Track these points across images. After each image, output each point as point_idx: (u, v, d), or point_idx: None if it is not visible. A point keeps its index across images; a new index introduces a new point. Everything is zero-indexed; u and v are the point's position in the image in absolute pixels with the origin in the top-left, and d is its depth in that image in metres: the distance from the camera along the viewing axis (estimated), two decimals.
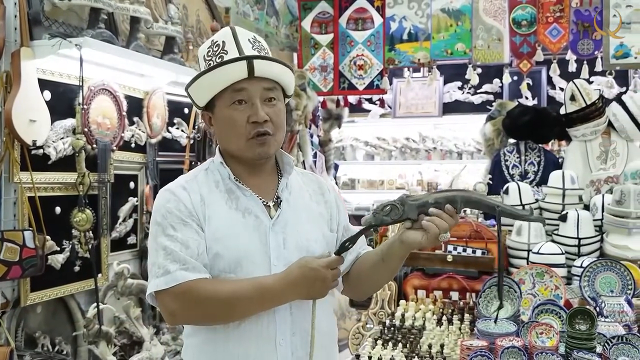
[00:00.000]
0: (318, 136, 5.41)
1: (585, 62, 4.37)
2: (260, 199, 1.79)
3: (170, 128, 3.78)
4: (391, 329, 2.77)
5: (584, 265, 2.85)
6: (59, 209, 2.97)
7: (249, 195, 1.79)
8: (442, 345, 2.54)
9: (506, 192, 3.56)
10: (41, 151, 2.83)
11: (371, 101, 7.27)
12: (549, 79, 6.49)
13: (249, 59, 1.72)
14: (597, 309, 2.55)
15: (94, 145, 3.09)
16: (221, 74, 1.73)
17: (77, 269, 3.06)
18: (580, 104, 3.92)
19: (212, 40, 1.80)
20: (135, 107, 3.46)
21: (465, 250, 3.19)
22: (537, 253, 3.04)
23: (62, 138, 2.95)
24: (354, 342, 3.36)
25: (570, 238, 3.16)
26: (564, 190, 3.37)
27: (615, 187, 3.22)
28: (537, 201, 3.50)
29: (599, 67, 4.32)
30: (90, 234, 3.08)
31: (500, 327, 2.45)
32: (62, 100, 2.96)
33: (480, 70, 4.62)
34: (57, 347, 2.97)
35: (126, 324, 3.33)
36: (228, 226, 1.73)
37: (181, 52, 3.75)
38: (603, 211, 3.22)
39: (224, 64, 1.72)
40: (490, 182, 4.16)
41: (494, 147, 4.56)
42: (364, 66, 4.84)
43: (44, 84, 2.83)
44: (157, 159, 3.65)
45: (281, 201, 1.82)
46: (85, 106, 3.01)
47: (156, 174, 3.63)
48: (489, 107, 6.36)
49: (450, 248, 3.20)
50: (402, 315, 2.86)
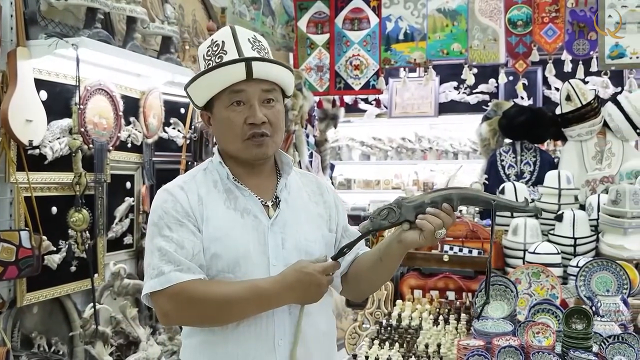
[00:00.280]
0: (314, 136, 5.41)
1: (581, 62, 4.38)
2: (259, 199, 1.79)
3: (166, 128, 3.78)
4: (388, 328, 2.77)
5: (579, 265, 2.86)
6: (55, 209, 2.97)
7: (248, 195, 1.78)
8: (438, 345, 2.55)
9: (502, 192, 3.56)
10: (37, 151, 2.83)
11: (367, 101, 7.27)
12: (545, 79, 6.50)
13: (247, 60, 1.71)
14: (593, 308, 2.56)
15: (91, 145, 3.09)
16: (220, 75, 1.73)
17: (73, 269, 3.06)
18: (576, 104, 3.93)
19: (212, 40, 1.79)
20: (132, 107, 3.46)
21: (461, 250, 3.20)
22: (533, 253, 3.05)
23: (59, 138, 2.95)
24: (351, 342, 3.36)
25: (566, 238, 3.16)
26: (559, 190, 3.38)
27: (611, 187, 3.23)
28: (533, 201, 3.51)
29: (594, 67, 4.33)
30: (86, 234, 3.07)
31: (497, 327, 2.45)
32: (59, 100, 2.96)
33: (476, 71, 4.63)
34: (54, 347, 2.96)
35: (122, 324, 3.33)
36: (226, 226, 1.72)
37: (177, 52, 3.74)
38: (599, 211, 3.23)
39: (222, 65, 1.72)
40: (486, 182, 4.17)
41: (490, 147, 4.57)
42: (360, 66, 4.85)
43: (40, 84, 2.83)
44: (154, 159, 3.65)
45: (280, 201, 1.82)
46: (82, 106, 3.01)
47: (152, 174, 3.63)
48: (484, 107, 6.37)
49: (447, 248, 3.21)
50: (399, 315, 2.86)
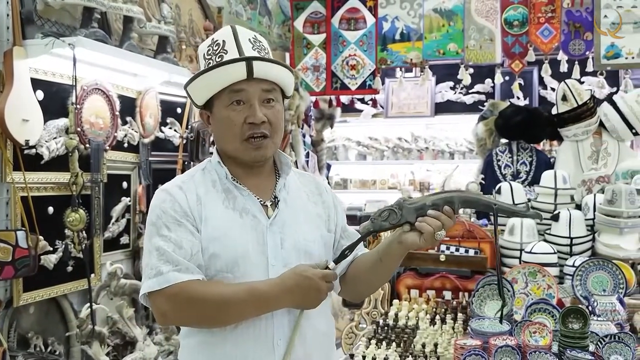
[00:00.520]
0: (310, 136, 5.41)
1: (577, 62, 4.38)
2: (258, 198, 1.79)
3: (163, 128, 3.78)
4: (385, 328, 2.77)
5: (576, 265, 2.87)
6: (51, 209, 2.96)
7: (247, 195, 1.78)
8: (435, 345, 2.55)
9: (499, 191, 3.57)
10: (34, 151, 2.83)
11: (363, 101, 7.28)
12: (541, 79, 6.51)
13: (248, 59, 1.71)
14: (590, 308, 2.56)
15: (87, 145, 3.08)
16: (220, 74, 1.72)
17: (69, 269, 3.06)
18: (572, 104, 3.94)
19: (213, 39, 1.78)
20: (128, 107, 3.46)
21: (458, 250, 3.20)
22: (530, 252, 3.06)
23: (55, 138, 2.95)
24: (347, 341, 3.37)
25: (563, 237, 3.17)
26: (556, 190, 3.39)
27: (607, 187, 3.24)
28: (530, 201, 3.51)
29: (590, 68, 4.33)
30: (83, 234, 3.07)
31: (494, 327, 2.46)
32: (55, 100, 2.96)
33: (472, 71, 4.63)
34: (50, 347, 2.96)
35: (119, 324, 3.33)
36: (225, 226, 1.72)
37: (174, 52, 3.74)
38: (595, 211, 3.23)
39: (223, 64, 1.71)
40: (483, 182, 4.17)
41: (486, 147, 4.57)
42: (357, 66, 4.84)
43: (36, 84, 2.83)
44: (150, 158, 3.65)
45: (279, 201, 1.82)
46: (78, 106, 3.00)
47: (149, 173, 3.63)
48: (480, 107, 6.38)
49: (443, 248, 3.21)
50: (396, 315, 2.86)
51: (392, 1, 4.76)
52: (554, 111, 4.10)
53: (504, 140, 4.45)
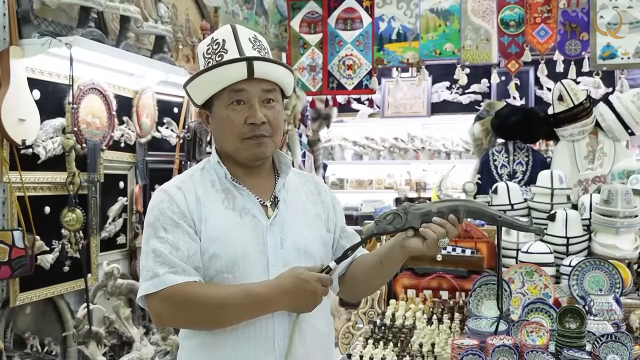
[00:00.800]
0: (307, 136, 5.41)
1: (573, 62, 4.39)
2: (258, 198, 1.79)
3: (159, 127, 3.77)
4: (382, 328, 2.77)
5: (572, 264, 2.87)
6: (48, 209, 2.96)
7: (246, 195, 1.78)
8: (432, 344, 2.55)
9: (495, 191, 3.58)
10: (30, 150, 2.82)
11: (360, 101, 7.28)
12: (537, 79, 6.53)
13: (249, 59, 1.71)
14: (586, 307, 2.57)
15: (84, 145, 3.08)
16: (220, 74, 1.72)
17: (66, 269, 3.05)
18: (568, 104, 3.95)
19: (212, 38, 1.78)
20: (125, 107, 3.46)
21: (454, 250, 3.20)
22: (526, 252, 3.06)
23: (52, 137, 2.94)
24: (344, 341, 3.37)
25: (559, 237, 3.18)
26: (552, 190, 3.40)
27: (603, 187, 3.24)
28: (526, 201, 3.52)
29: (586, 68, 4.34)
30: (80, 233, 3.06)
31: (491, 326, 2.46)
32: (52, 100, 2.95)
33: (468, 71, 4.64)
34: (47, 347, 2.95)
35: (116, 324, 3.32)
36: (225, 226, 1.72)
37: (171, 52, 3.74)
38: (591, 210, 3.24)
39: (223, 63, 1.71)
40: (479, 182, 4.18)
41: (483, 147, 4.57)
42: (353, 66, 4.84)
43: (33, 83, 2.82)
44: (147, 158, 3.65)
45: (278, 201, 1.82)
46: (75, 105, 2.99)
47: (146, 173, 3.62)
48: (477, 107, 6.38)
49: None
50: (393, 315, 2.87)
51: (389, 1, 4.77)
52: (550, 111, 4.11)
53: (500, 140, 4.46)
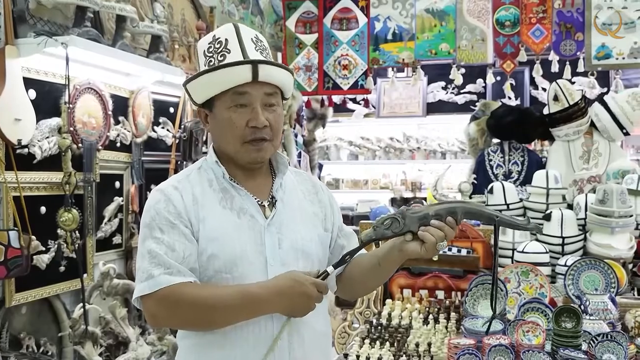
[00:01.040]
0: (302, 136, 5.41)
1: (568, 62, 4.40)
2: (256, 198, 1.78)
3: (155, 127, 3.77)
4: (378, 328, 2.77)
5: (568, 264, 2.88)
6: (44, 209, 2.95)
7: (244, 195, 1.77)
8: (429, 344, 2.55)
9: (491, 191, 3.59)
10: (26, 150, 2.81)
11: (355, 101, 7.29)
12: (532, 79, 6.53)
13: (254, 63, 1.70)
14: (582, 307, 2.58)
15: (80, 145, 3.07)
16: (224, 75, 1.70)
17: (62, 269, 3.04)
18: (564, 104, 3.96)
19: (214, 36, 1.76)
20: (121, 106, 3.45)
21: (450, 250, 3.21)
22: (522, 252, 3.08)
23: (48, 137, 2.93)
24: (340, 341, 3.37)
25: (554, 237, 3.19)
26: (547, 190, 3.41)
27: (598, 187, 3.26)
28: (522, 200, 3.53)
29: (581, 68, 4.35)
30: (76, 233, 3.06)
31: (482, 326, 2.47)
32: (48, 99, 2.94)
33: (463, 71, 4.64)
34: (42, 348, 2.95)
35: (112, 324, 3.32)
36: (223, 226, 1.71)
37: (167, 51, 3.73)
38: (586, 210, 3.25)
39: (227, 65, 1.70)
40: (475, 182, 4.19)
41: (478, 146, 4.58)
42: (349, 66, 4.84)
43: (29, 83, 2.82)
44: (143, 158, 3.64)
45: (276, 201, 1.81)
46: (71, 105, 2.99)
47: (141, 173, 3.62)
48: (472, 107, 6.40)
49: None
50: (389, 315, 2.87)
51: (384, 1, 4.77)
52: (545, 111, 4.12)
53: (495, 140, 4.47)
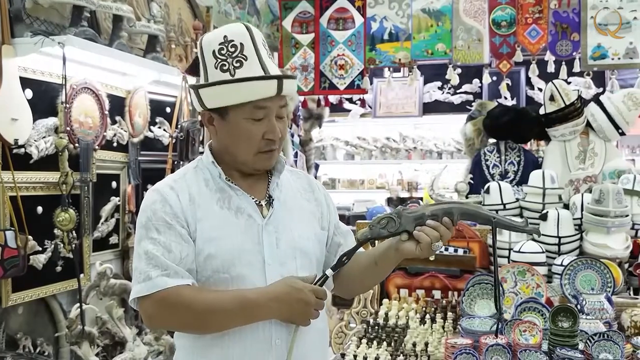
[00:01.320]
0: (299, 136, 5.41)
1: (564, 62, 4.41)
2: (253, 198, 1.79)
3: (152, 127, 3.76)
4: (375, 327, 2.78)
5: (564, 264, 2.89)
6: (40, 209, 2.94)
7: (241, 195, 1.77)
8: (426, 344, 2.56)
9: (487, 191, 3.59)
10: (23, 150, 2.81)
11: (352, 101, 7.28)
12: (528, 79, 6.55)
13: (280, 78, 1.69)
14: (579, 306, 2.59)
15: (76, 145, 3.07)
16: (247, 88, 1.68)
17: (59, 269, 3.04)
18: (560, 104, 3.96)
19: (226, 37, 1.71)
20: (118, 106, 3.45)
21: (447, 249, 3.22)
22: (519, 252, 3.08)
23: (44, 137, 2.93)
24: (337, 341, 3.37)
25: (551, 237, 3.19)
26: (544, 190, 3.42)
27: (595, 187, 3.26)
28: (518, 200, 3.54)
29: (577, 68, 4.35)
30: (73, 233, 3.05)
31: (484, 325, 2.48)
32: (44, 99, 2.94)
33: (460, 71, 4.65)
34: (39, 348, 2.94)
35: (109, 325, 3.31)
36: (220, 226, 1.71)
37: (163, 51, 3.73)
38: (582, 210, 3.26)
39: (253, 79, 1.68)
40: (471, 182, 4.19)
41: (475, 146, 4.58)
42: (345, 66, 4.84)
43: (25, 82, 2.81)
44: (139, 158, 3.64)
45: (273, 200, 1.82)
46: (68, 105, 2.98)
47: (138, 173, 3.61)
48: (468, 107, 6.40)
49: None
50: (386, 314, 2.87)
51: (381, 1, 4.77)
52: (541, 111, 4.13)
53: (492, 140, 4.47)
